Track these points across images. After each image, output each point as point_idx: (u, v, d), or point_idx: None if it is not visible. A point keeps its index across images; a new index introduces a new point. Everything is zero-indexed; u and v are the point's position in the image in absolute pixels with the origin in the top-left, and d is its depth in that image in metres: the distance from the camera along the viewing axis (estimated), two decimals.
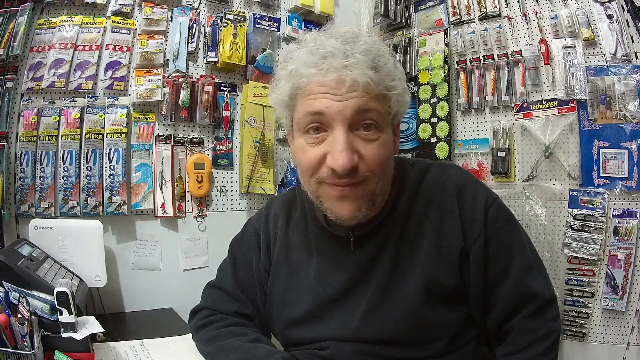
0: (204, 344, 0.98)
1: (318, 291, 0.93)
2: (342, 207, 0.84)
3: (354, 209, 0.83)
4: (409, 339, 0.87)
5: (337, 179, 0.81)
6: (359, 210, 0.84)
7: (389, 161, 0.86)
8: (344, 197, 0.83)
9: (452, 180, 0.92)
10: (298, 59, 0.82)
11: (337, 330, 0.90)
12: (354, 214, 0.84)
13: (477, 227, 0.87)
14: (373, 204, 0.86)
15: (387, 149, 0.84)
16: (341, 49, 0.78)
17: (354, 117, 0.79)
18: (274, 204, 1.08)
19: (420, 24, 1.95)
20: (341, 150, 0.78)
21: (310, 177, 0.85)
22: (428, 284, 0.87)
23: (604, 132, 1.51)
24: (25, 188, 1.38)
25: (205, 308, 1.04)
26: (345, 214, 0.84)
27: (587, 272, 1.52)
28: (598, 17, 1.52)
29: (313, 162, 0.82)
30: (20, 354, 0.75)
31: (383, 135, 0.83)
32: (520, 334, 0.89)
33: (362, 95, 0.78)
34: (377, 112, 0.80)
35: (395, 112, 0.85)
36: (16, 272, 1.03)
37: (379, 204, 0.90)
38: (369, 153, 0.81)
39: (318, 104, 0.79)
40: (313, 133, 0.82)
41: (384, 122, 0.83)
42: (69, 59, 1.45)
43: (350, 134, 0.80)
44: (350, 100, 0.78)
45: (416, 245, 0.89)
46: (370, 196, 0.84)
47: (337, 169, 0.78)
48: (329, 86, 0.78)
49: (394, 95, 0.83)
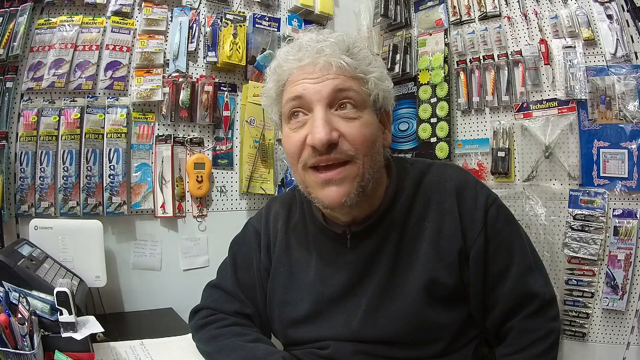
0: (204, 344, 0.98)
1: (318, 291, 0.93)
2: (327, 193, 0.84)
3: (342, 193, 0.83)
4: (409, 339, 0.88)
5: (319, 157, 0.82)
6: (347, 195, 0.83)
7: (374, 143, 0.86)
8: (329, 182, 0.83)
9: (452, 180, 0.92)
10: (279, 56, 0.90)
11: (338, 329, 0.90)
12: (341, 198, 0.83)
13: (477, 227, 0.88)
14: (363, 190, 0.85)
15: (370, 129, 0.85)
16: (314, 38, 0.86)
17: (332, 96, 0.82)
18: (274, 204, 1.08)
19: (420, 24, 1.95)
20: (319, 125, 0.80)
21: (296, 163, 0.86)
22: (428, 284, 0.87)
23: (604, 132, 1.51)
24: (25, 188, 1.38)
25: (205, 308, 1.04)
26: (331, 199, 0.83)
27: (587, 272, 1.52)
28: (598, 17, 1.52)
29: (296, 145, 0.85)
30: (20, 354, 0.75)
31: (364, 115, 0.84)
32: (520, 334, 0.89)
33: (337, 76, 0.82)
34: (354, 91, 0.83)
35: (375, 95, 0.86)
36: (16, 272, 1.03)
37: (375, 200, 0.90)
38: (349, 130, 0.82)
39: (297, 88, 0.84)
40: (295, 119, 0.86)
41: (363, 102, 0.85)
42: (69, 59, 1.44)
43: (329, 112, 0.82)
44: (326, 81, 0.82)
45: (416, 246, 0.89)
46: (359, 180, 0.83)
47: (315, 143, 0.81)
48: (306, 71, 0.84)
49: (371, 78, 0.85)
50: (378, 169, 0.88)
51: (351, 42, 0.86)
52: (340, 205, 0.84)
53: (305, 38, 0.87)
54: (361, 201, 0.86)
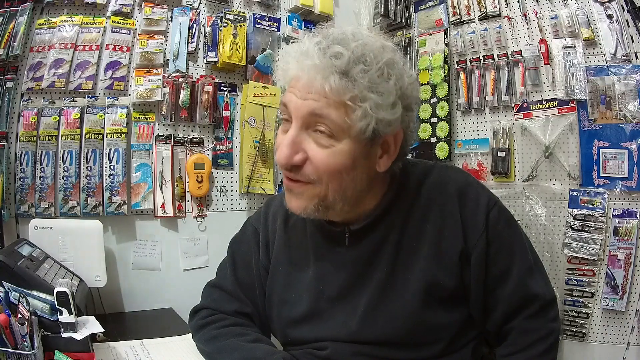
0: (204, 344, 0.98)
1: (317, 290, 0.93)
2: (288, 199, 0.87)
3: (298, 205, 0.85)
4: (408, 340, 0.87)
5: (284, 170, 0.84)
6: (303, 208, 0.85)
7: (346, 172, 0.81)
8: (290, 191, 0.86)
9: (453, 182, 0.91)
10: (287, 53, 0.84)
11: (336, 330, 0.90)
12: (297, 209, 0.86)
13: (478, 230, 0.87)
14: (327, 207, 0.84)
15: (340, 159, 0.79)
16: (314, 49, 0.77)
17: (307, 119, 0.79)
18: (273, 203, 1.08)
19: (420, 24, 1.95)
20: (284, 144, 0.81)
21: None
22: (428, 286, 0.87)
23: (604, 132, 1.51)
24: (25, 188, 1.38)
25: (205, 308, 1.04)
26: (290, 206, 0.87)
27: (587, 272, 1.52)
28: (598, 17, 1.52)
29: (275, 148, 0.89)
30: (20, 354, 0.75)
31: (339, 145, 0.79)
32: (520, 335, 0.89)
33: (318, 98, 0.77)
34: (330, 120, 0.77)
35: (364, 125, 0.77)
36: (16, 272, 1.03)
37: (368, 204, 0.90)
38: (315, 156, 0.80)
39: (287, 96, 0.83)
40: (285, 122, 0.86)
41: (340, 132, 0.78)
42: (69, 59, 1.44)
43: (303, 132, 0.81)
44: (307, 101, 0.78)
45: (416, 247, 0.89)
46: (319, 200, 0.83)
47: (277, 160, 0.82)
48: (296, 83, 0.80)
49: (362, 107, 0.76)
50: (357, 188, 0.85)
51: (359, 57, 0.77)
52: (299, 214, 0.87)
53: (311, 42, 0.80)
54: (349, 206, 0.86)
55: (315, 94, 0.76)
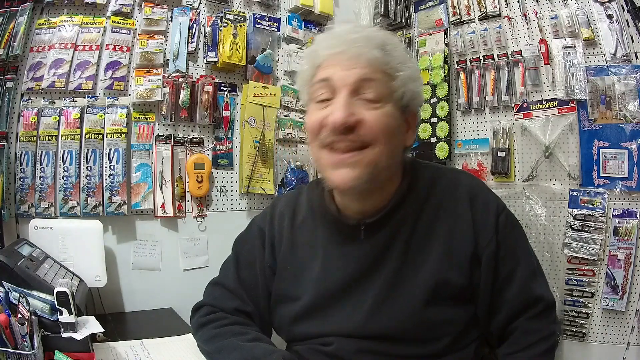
0: (204, 343, 0.99)
1: (324, 284, 0.94)
2: (338, 174, 0.86)
3: (352, 177, 0.85)
4: (414, 335, 0.89)
5: (333, 136, 0.84)
6: (358, 179, 0.85)
7: (394, 135, 0.88)
8: (341, 164, 0.85)
9: (464, 186, 0.95)
10: (318, 42, 0.94)
11: (342, 324, 0.91)
12: (351, 181, 0.85)
13: (489, 232, 0.91)
14: (375, 178, 0.87)
15: (391, 120, 0.87)
16: (351, 29, 0.90)
17: (356, 84, 0.85)
18: (279, 203, 1.09)
19: (420, 24, 1.95)
20: (340, 106, 0.84)
21: (314, 139, 0.89)
22: (437, 283, 0.89)
23: (604, 132, 1.51)
24: (25, 188, 1.38)
25: (206, 305, 1.05)
26: (340, 180, 0.86)
27: (587, 272, 1.52)
28: (598, 17, 1.51)
29: (317, 122, 0.87)
30: (20, 354, 0.75)
31: (386, 107, 0.86)
32: (523, 334, 0.91)
33: (365, 67, 0.85)
34: (377, 84, 0.85)
35: (402, 92, 0.88)
36: (16, 272, 1.03)
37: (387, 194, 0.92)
38: (369, 117, 0.84)
39: (326, 72, 0.88)
40: (320, 99, 0.89)
41: (386, 95, 0.86)
42: (69, 59, 1.45)
43: (351, 99, 0.85)
44: (353, 70, 0.85)
45: (426, 244, 0.91)
46: (372, 167, 0.85)
47: (331, 122, 0.83)
48: (337, 59, 0.87)
49: (400, 75, 0.87)
50: (394, 162, 0.91)
51: (386, 39, 0.90)
52: (349, 187, 0.86)
53: (342, 28, 0.92)
54: (372, 190, 0.90)
55: (361, 64, 0.85)
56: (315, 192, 1.02)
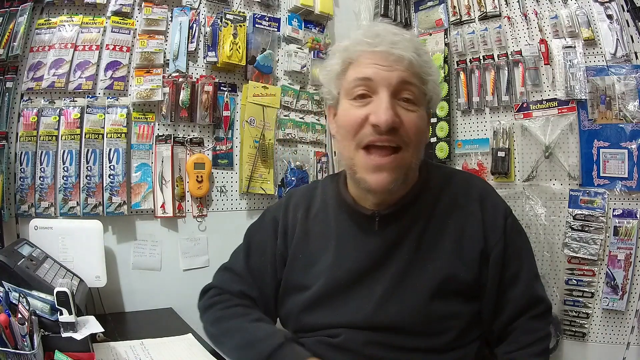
0: (210, 325, 1.03)
1: (335, 275, 0.95)
2: (377, 177, 0.88)
3: (390, 180, 0.88)
4: (421, 328, 0.90)
5: (378, 135, 0.86)
6: (394, 182, 0.89)
7: (423, 137, 0.94)
8: (380, 168, 0.88)
9: (476, 187, 1.00)
10: (354, 38, 0.94)
11: (350, 314, 0.93)
12: (389, 184, 0.88)
13: (498, 233, 0.94)
14: (405, 179, 0.91)
15: (423, 124, 0.93)
16: (391, 30, 0.92)
17: (398, 86, 0.88)
18: (294, 194, 1.12)
19: (420, 24, 1.95)
20: (386, 107, 0.85)
21: (352, 139, 0.90)
22: (446, 278, 0.91)
23: (604, 132, 1.51)
24: (25, 188, 1.38)
25: (213, 287, 1.08)
26: (378, 183, 0.88)
27: (587, 272, 1.52)
28: (598, 17, 1.52)
29: (356, 121, 0.89)
30: (20, 354, 0.75)
31: (420, 110, 0.91)
32: (523, 333, 0.94)
33: (406, 69, 0.88)
34: (416, 86, 0.89)
35: (430, 97, 0.93)
36: (16, 272, 1.03)
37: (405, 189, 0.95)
38: (408, 120, 0.88)
39: (367, 70, 0.89)
40: (359, 98, 0.90)
41: (420, 100, 0.91)
42: (69, 59, 1.44)
43: (392, 99, 0.87)
44: (395, 72, 0.87)
45: (438, 240, 0.94)
46: (406, 168, 0.90)
47: (380, 123, 0.85)
48: (378, 57, 0.88)
49: (430, 79, 0.92)
50: (420, 157, 0.95)
51: (418, 43, 0.94)
52: (386, 190, 0.89)
53: (380, 27, 0.93)
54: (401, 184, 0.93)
55: (403, 66, 0.87)
56: (330, 186, 1.05)
